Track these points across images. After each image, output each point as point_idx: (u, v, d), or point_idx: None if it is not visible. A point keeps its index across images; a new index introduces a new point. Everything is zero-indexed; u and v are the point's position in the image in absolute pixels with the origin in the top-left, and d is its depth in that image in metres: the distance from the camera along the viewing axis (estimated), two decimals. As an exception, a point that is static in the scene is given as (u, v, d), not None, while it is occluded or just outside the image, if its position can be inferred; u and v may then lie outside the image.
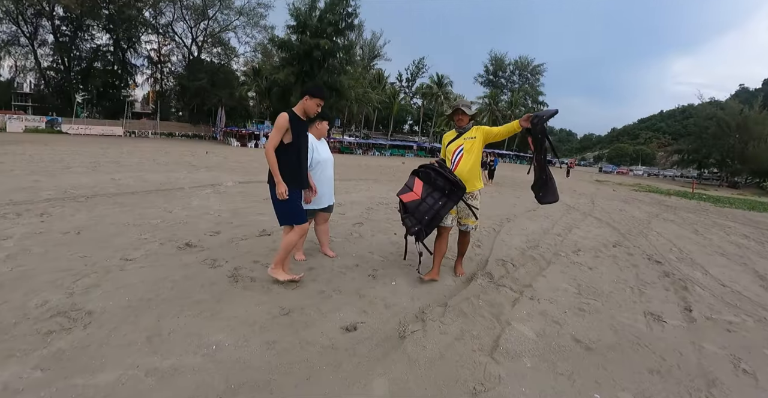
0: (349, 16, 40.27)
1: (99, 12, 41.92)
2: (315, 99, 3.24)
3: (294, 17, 39.23)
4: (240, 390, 1.91)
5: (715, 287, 4.48)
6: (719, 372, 2.56)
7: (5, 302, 2.64)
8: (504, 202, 10.64)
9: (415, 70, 78.76)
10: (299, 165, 3.29)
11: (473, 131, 3.77)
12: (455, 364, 2.33)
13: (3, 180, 7.61)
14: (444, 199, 3.49)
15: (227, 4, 46.09)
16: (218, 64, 49.51)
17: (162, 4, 44.30)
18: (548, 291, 3.80)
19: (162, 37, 48.37)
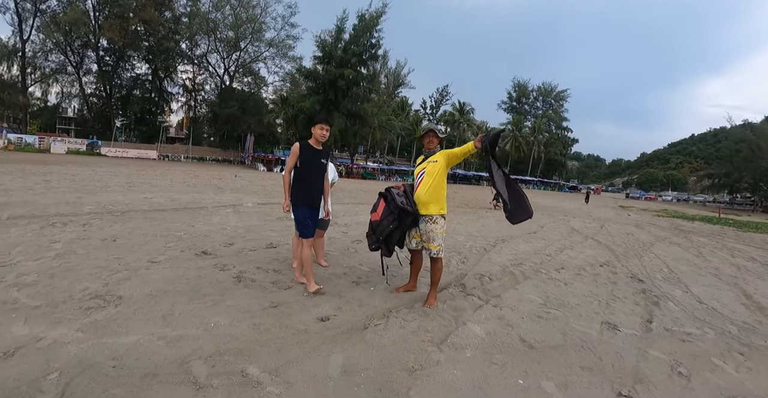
0: (373, 47, 42.01)
1: (140, 44, 45.50)
2: (316, 126, 3.86)
3: (320, 48, 41.32)
4: (225, 354, 2.51)
5: (690, 303, 4.72)
6: (652, 373, 2.80)
7: (56, 287, 3.40)
8: (506, 225, 11.02)
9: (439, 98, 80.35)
10: (309, 186, 3.82)
11: (438, 154, 3.83)
12: (403, 349, 2.82)
13: (51, 195, 8.70)
14: (395, 223, 3.69)
15: (258, 37, 48.99)
16: (248, 92, 52.22)
17: (197, 37, 47.62)
18: (514, 301, 4.20)
19: (197, 67, 51.76)
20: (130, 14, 42.27)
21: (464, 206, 17.04)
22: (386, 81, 69.84)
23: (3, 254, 4.25)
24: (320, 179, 3.93)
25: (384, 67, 66.96)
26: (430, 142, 3.89)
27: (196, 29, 45.79)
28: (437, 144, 3.91)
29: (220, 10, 46.36)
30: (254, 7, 47.59)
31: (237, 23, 46.72)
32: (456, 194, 25.21)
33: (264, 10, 48.41)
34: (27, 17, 42.33)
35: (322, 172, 3.94)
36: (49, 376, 2.11)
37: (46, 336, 2.54)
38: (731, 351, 3.37)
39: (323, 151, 3.93)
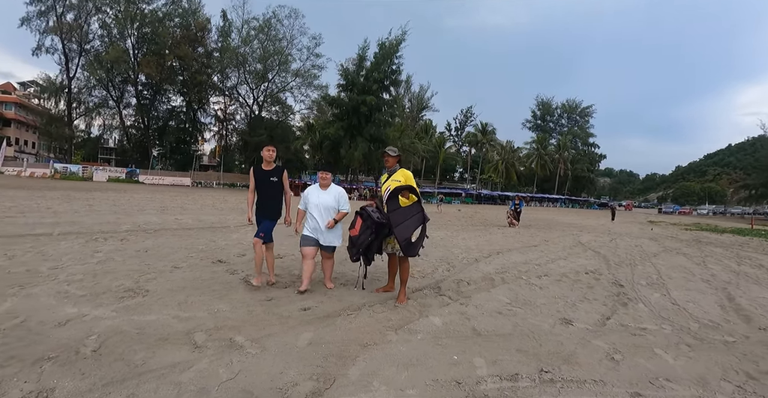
0: (394, 73, 43.57)
1: (175, 78, 49.01)
2: (263, 149, 4.68)
3: (343, 76, 43.21)
4: (221, 329, 3.27)
5: (661, 305, 5.01)
6: (584, 357, 3.12)
7: (98, 283, 4.35)
8: (510, 240, 11.47)
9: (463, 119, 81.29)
10: (261, 202, 4.65)
11: (400, 174, 4.38)
12: (365, 331, 3.45)
13: (94, 216, 9.98)
14: (372, 235, 4.24)
15: (285, 68, 51.65)
16: (276, 120, 54.76)
17: (228, 70, 50.75)
18: (482, 301, 4.69)
19: (228, 98, 54.95)
20: (166, 51, 45.93)
21: (479, 224, 17.45)
22: (410, 105, 71.53)
23: (56, 260, 5.31)
24: (271, 194, 4.64)
25: (407, 92, 68.78)
26: (387, 161, 4.48)
27: (226, 63, 48.90)
28: (395, 162, 4.49)
29: (248, 44, 49.43)
30: (280, 39, 50.46)
31: (265, 56, 49.56)
32: (476, 214, 25.55)
33: (290, 42, 51.27)
34: (73, 57, 47.02)
35: (273, 189, 4.65)
36: (90, 337, 2.96)
37: (89, 314, 3.41)
38: (680, 343, 3.61)
39: (273, 170, 4.64)
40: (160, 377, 2.46)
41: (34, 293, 3.91)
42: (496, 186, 66.35)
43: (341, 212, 4.62)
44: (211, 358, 2.74)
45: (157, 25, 46.28)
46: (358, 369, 2.72)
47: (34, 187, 22.08)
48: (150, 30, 46.47)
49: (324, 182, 4.63)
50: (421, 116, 72.86)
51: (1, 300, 3.69)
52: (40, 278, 4.48)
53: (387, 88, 44.19)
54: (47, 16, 44.41)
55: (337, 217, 4.57)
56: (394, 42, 41.66)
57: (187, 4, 48.10)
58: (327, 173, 4.68)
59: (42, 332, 3.03)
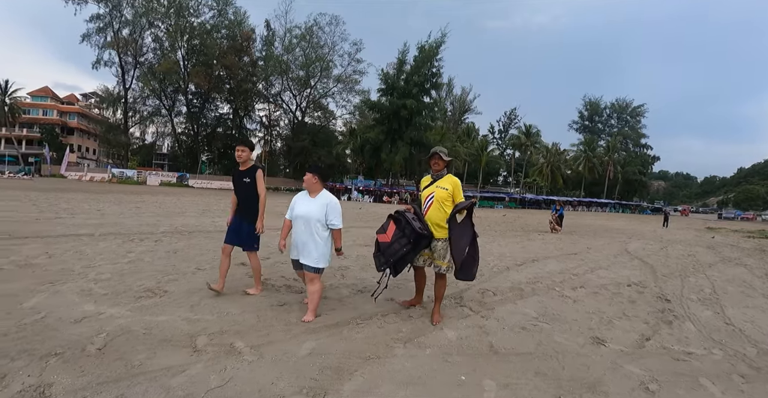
0: (434, 76, 43.42)
1: (222, 87, 51.38)
2: (235, 149, 4.41)
3: (383, 81, 43.56)
4: (225, 333, 3.26)
5: (713, 325, 4.49)
6: (613, 386, 2.80)
7: (122, 282, 4.53)
8: (549, 246, 10.94)
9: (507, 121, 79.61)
10: (238, 203, 4.41)
11: (447, 180, 3.94)
12: (369, 343, 3.31)
13: (137, 219, 10.56)
14: (409, 246, 3.74)
15: (327, 74, 52.95)
16: (319, 126, 56.12)
17: (272, 78, 52.56)
18: (506, 314, 4.40)
19: (272, 105, 56.95)
20: (213, 61, 48.23)
21: (519, 229, 16.83)
22: (452, 108, 70.91)
23: (90, 260, 5.60)
24: (244, 196, 4.34)
25: (449, 95, 68.24)
26: (436, 163, 3.97)
27: (270, 71, 50.67)
28: (443, 167, 3.99)
29: (291, 52, 51.03)
30: (322, 46, 51.74)
31: (307, 63, 50.93)
32: (518, 219, 24.73)
33: (331, 48, 52.43)
34: (128, 69, 50.30)
35: (246, 189, 4.33)
36: (99, 335, 3.05)
37: (105, 312, 3.53)
38: (732, 373, 3.17)
39: (247, 170, 4.36)
40: (152, 379, 2.46)
41: (61, 291, 4.12)
42: (541, 190, 64.13)
43: (335, 232, 3.75)
44: (206, 363, 2.71)
45: (205, 37, 48.71)
46: (353, 385, 2.59)
47: (92, 190, 23.74)
48: (199, 42, 48.97)
49: (311, 188, 3.78)
50: (464, 119, 71.99)
51: (31, 295, 3.91)
52: (71, 276, 4.72)
53: (427, 92, 44.10)
54: (105, 32, 47.84)
55: (336, 242, 3.79)
56: (434, 45, 41.55)
57: (233, 16, 50.30)
58: (312, 175, 3.75)
59: (57, 328, 3.16)
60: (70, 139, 63.07)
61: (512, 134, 71.58)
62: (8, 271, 4.84)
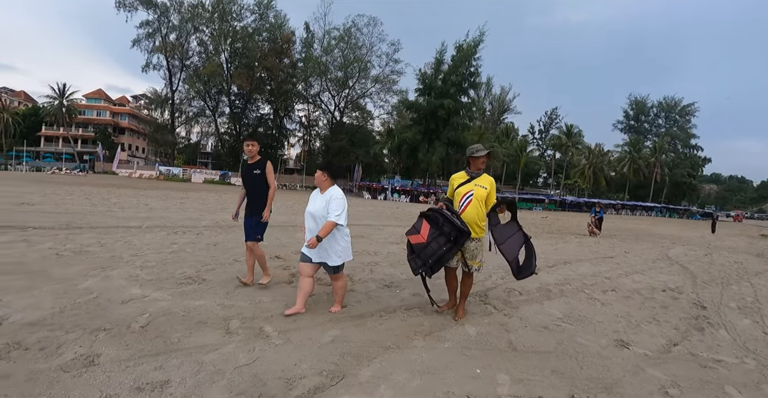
0: (472, 76, 42.89)
1: (263, 88, 52.94)
2: (243, 143, 4.54)
3: (421, 81, 43.38)
4: (256, 318, 3.50)
5: (750, 334, 4.30)
6: (631, 388, 2.76)
7: (165, 270, 4.92)
8: (585, 249, 10.67)
9: (547, 121, 77.51)
10: (248, 196, 4.53)
11: (485, 179, 3.87)
12: (390, 334, 3.44)
13: (181, 213, 11.21)
14: (449, 245, 3.59)
15: (365, 75, 53.39)
16: (357, 125, 56.67)
17: (311, 79, 53.55)
18: (530, 313, 4.39)
19: (311, 105, 58.09)
20: (255, 63, 49.73)
21: (556, 232, 16.47)
22: (491, 108, 69.84)
23: (137, 249, 6.10)
24: (253, 187, 4.47)
25: (488, 94, 67.26)
26: (483, 163, 3.92)
27: (309, 72, 51.71)
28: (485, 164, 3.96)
29: (330, 54, 51.83)
30: (360, 47, 52.24)
31: (345, 64, 51.58)
32: (557, 222, 24.14)
33: (369, 49, 52.84)
34: (175, 72, 52.85)
35: (255, 181, 4.44)
36: (143, 315, 3.39)
37: (149, 296, 3.89)
38: (762, 383, 3.03)
39: (256, 163, 4.49)
40: (187, 355, 2.72)
41: (111, 275, 4.55)
42: (582, 192, 62.00)
43: (326, 224, 3.58)
44: (237, 344, 2.95)
45: (247, 40, 50.41)
46: (370, 371, 2.73)
47: (140, 187, 25.23)
48: (241, 45, 50.72)
49: (320, 185, 3.80)
50: (503, 118, 70.67)
51: (84, 279, 4.36)
52: (120, 263, 5.18)
53: (465, 91, 43.68)
54: (154, 37, 50.53)
55: (321, 232, 3.54)
56: (472, 44, 41.07)
57: (274, 20, 51.76)
58: (321, 173, 3.79)
59: (107, 307, 3.53)
60: (122, 138, 67.12)
61: (553, 135, 69.53)
62: (66, 257, 5.38)
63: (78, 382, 2.34)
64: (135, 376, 2.45)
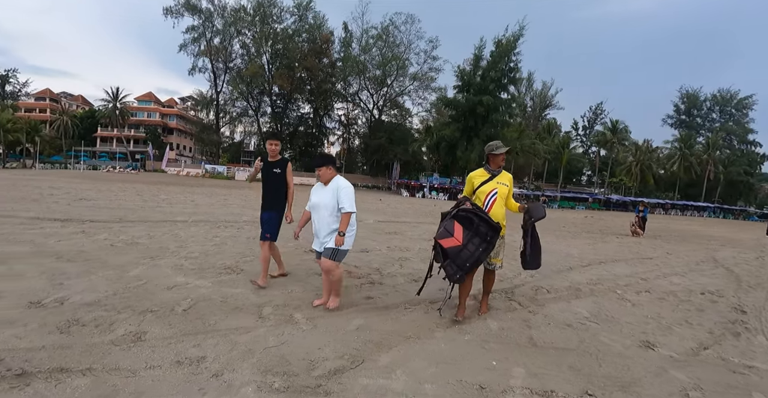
0: (511, 71, 41.96)
1: (304, 88, 54.35)
2: (266, 142, 4.60)
3: (459, 77, 42.88)
4: (287, 306, 3.78)
5: None
6: (649, 388, 2.73)
7: (207, 261, 5.37)
8: (624, 250, 10.34)
9: (592, 117, 74.77)
10: (264, 193, 4.58)
11: (505, 177, 3.87)
12: (412, 325, 3.59)
13: (224, 209, 11.89)
14: (484, 245, 3.48)
15: (403, 73, 53.62)
16: (395, 123, 57.00)
17: (350, 78, 54.32)
18: (555, 311, 4.38)
19: (350, 104, 59.02)
20: (295, 64, 51.05)
21: (596, 231, 15.99)
22: (532, 103, 68.19)
23: (183, 241, 6.64)
24: (273, 186, 4.53)
25: (529, 90, 65.69)
26: (504, 160, 3.92)
27: (348, 71, 52.50)
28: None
29: (368, 52, 52.35)
30: (398, 45, 52.45)
31: (383, 62, 51.95)
32: (599, 221, 23.35)
33: (407, 47, 52.97)
34: (219, 74, 55.35)
35: (275, 180, 4.52)
36: (186, 300, 3.77)
37: (192, 283, 4.28)
38: None
39: (277, 162, 4.53)
40: (223, 336, 3.02)
41: (158, 264, 5.03)
42: (629, 191, 59.30)
43: (344, 215, 3.60)
44: (268, 328, 3.22)
45: (287, 42, 51.83)
46: (388, 357, 2.90)
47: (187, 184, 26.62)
48: (282, 46, 52.20)
49: (322, 179, 3.82)
50: (545, 114, 68.79)
51: (135, 266, 4.87)
52: (167, 253, 5.68)
53: (505, 87, 42.72)
54: (199, 41, 53.02)
55: (341, 225, 3.58)
56: (512, 39, 40.08)
57: (313, 20, 52.93)
58: (321, 169, 3.77)
59: (154, 292, 3.94)
60: (170, 138, 70.80)
61: (597, 131, 66.88)
62: (119, 247, 5.95)
63: (127, 354, 2.67)
64: (176, 352, 2.75)
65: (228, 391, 2.30)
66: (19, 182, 20.45)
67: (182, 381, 2.39)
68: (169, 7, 50.33)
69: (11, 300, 3.54)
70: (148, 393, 2.24)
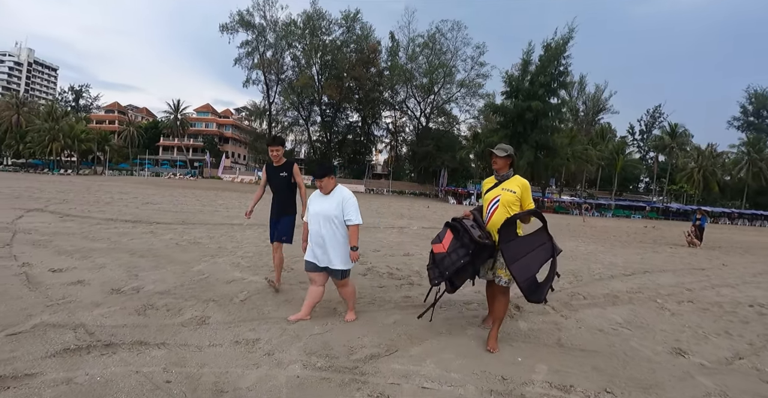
0: (561, 75, 40.99)
1: (352, 97, 56.00)
2: (268, 149, 4.50)
3: (507, 83, 42.42)
4: (332, 300, 4.17)
5: None
6: (672, 391, 2.76)
7: (261, 260, 6.00)
8: (675, 260, 9.96)
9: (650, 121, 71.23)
10: (274, 198, 4.53)
11: (514, 182, 3.44)
12: (446, 322, 3.89)
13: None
14: (467, 257, 3.24)
15: (450, 80, 53.88)
16: (443, 130, 57.41)
17: (397, 86, 55.27)
18: (588, 317, 4.43)
19: (398, 112, 60.05)
20: (344, 74, 52.71)
21: (648, 241, 15.36)
22: (584, 108, 65.96)
23: (239, 242, 7.38)
24: (281, 189, 4.49)
25: (581, 94, 63.64)
26: (494, 163, 3.50)
27: (395, 80, 53.52)
28: (506, 166, 3.49)
29: (414, 61, 53.08)
30: (444, 52, 52.77)
31: (430, 70, 52.47)
32: (654, 231, 22.26)
33: (454, 54, 53.23)
34: (272, 85, 58.33)
35: (283, 183, 4.47)
36: (242, 292, 4.34)
37: (248, 279, 4.86)
38: None
39: (282, 166, 4.48)
40: (275, 323, 3.48)
41: (218, 262, 5.71)
42: (690, 199, 55.62)
43: (352, 229, 3.48)
44: (313, 318, 3.64)
45: (336, 52, 53.78)
46: (420, 348, 3.20)
47: (242, 190, 28.21)
48: (330, 57, 54.29)
49: (324, 189, 3.59)
50: (598, 119, 66.21)
51: (198, 263, 5.58)
52: (225, 252, 6.37)
53: (554, 92, 41.84)
54: (253, 55, 56.20)
55: (351, 240, 3.48)
56: (561, 42, 39.25)
57: (360, 31, 54.70)
58: (323, 180, 3.57)
59: (215, 285, 4.55)
60: (226, 147, 75.05)
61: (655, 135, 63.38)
62: (184, 246, 6.77)
63: (193, 334, 3.18)
64: (234, 334, 3.23)
65: (278, 366, 2.72)
66: (92, 187, 22.77)
67: (239, 356, 2.83)
68: (225, 24, 53.87)
69: (96, 287, 4.24)
70: (211, 364, 2.69)
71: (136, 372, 2.48)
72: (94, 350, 2.76)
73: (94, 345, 2.82)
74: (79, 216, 9.74)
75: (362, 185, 52.98)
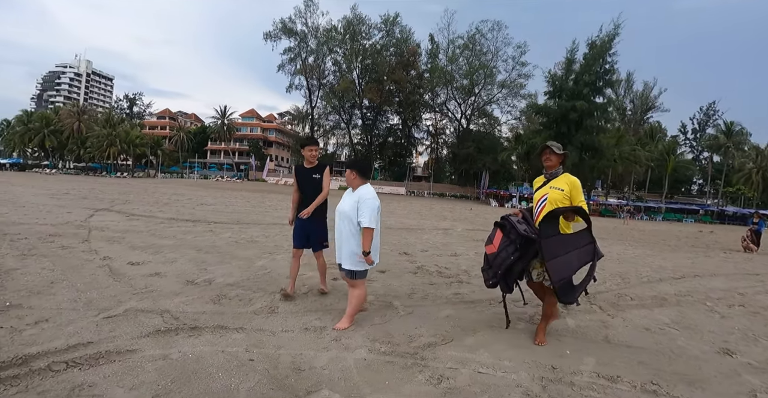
0: (607, 73, 39.72)
1: (392, 100, 56.55)
2: (304, 148, 4.34)
3: (550, 83, 41.50)
4: (387, 295, 4.53)
5: None
6: (717, 386, 2.84)
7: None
8: (728, 265, 9.60)
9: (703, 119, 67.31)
10: (306, 202, 4.30)
11: (562, 180, 3.43)
12: (496, 317, 4.08)
13: None
14: (516, 254, 3.26)
15: (491, 81, 53.44)
16: (484, 132, 56.90)
17: (437, 88, 55.26)
18: (635, 317, 4.48)
19: (438, 114, 60.22)
20: (384, 77, 53.39)
21: (701, 245, 14.76)
22: (632, 106, 63.32)
23: (273, 239, 8.01)
24: (314, 192, 4.32)
25: (629, 92, 61.15)
26: (548, 159, 3.49)
27: (435, 82, 53.60)
28: (558, 163, 3.50)
29: (454, 62, 52.91)
30: (485, 53, 52.33)
31: (470, 71, 52.14)
32: (708, 235, 21.22)
33: (494, 54, 52.65)
34: (314, 90, 59.77)
35: (316, 185, 4.34)
36: (303, 286, 4.79)
37: (306, 274, 5.25)
38: None
39: (315, 167, 4.36)
40: (339, 314, 3.80)
41: (276, 259, 6.23)
42: (749, 202, 52.15)
43: (364, 232, 3.38)
44: (372, 311, 4.00)
45: (376, 56, 54.63)
46: (473, 339, 3.48)
47: (286, 192, 29.31)
48: (371, 61, 55.19)
49: (350, 184, 3.62)
50: (647, 118, 63.31)
51: (258, 259, 6.18)
52: (281, 250, 6.91)
53: (600, 91, 40.56)
54: (295, 61, 58.02)
55: (363, 243, 3.40)
56: (606, 39, 37.98)
57: (399, 35, 55.32)
58: (350, 171, 3.61)
59: (277, 279, 5.02)
60: (270, 150, 77.84)
61: (709, 134, 59.82)
62: (243, 244, 7.37)
63: (266, 321, 3.60)
64: (303, 321, 3.63)
65: (346, 350, 3.08)
66: (149, 189, 24.51)
67: (310, 341, 3.21)
68: (268, 32, 55.87)
69: (172, 278, 4.80)
70: (287, 346, 3.09)
71: (222, 352, 2.89)
72: (182, 332, 3.21)
73: (181, 328, 3.28)
74: (144, 216, 10.68)
75: (403, 188, 53.49)
